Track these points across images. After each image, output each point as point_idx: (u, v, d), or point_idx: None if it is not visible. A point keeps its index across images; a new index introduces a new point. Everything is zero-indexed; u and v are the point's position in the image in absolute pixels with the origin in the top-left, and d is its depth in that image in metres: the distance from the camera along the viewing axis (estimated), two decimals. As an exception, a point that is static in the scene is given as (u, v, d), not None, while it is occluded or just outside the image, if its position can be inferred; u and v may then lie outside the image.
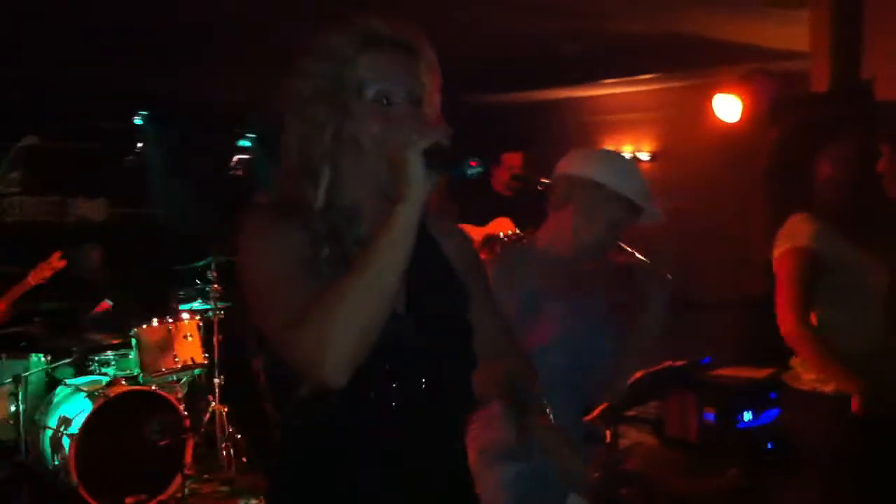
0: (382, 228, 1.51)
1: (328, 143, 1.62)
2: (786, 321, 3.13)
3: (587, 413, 2.82)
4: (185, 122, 7.73)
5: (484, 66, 7.09)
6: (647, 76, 8.43)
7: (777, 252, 3.24)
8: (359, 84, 1.62)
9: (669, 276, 2.69)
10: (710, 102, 5.76)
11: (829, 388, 3.13)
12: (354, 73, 1.63)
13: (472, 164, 1.51)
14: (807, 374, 3.22)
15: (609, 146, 8.98)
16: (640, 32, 7.12)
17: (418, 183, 1.51)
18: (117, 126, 7.64)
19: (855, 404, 3.02)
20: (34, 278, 5.40)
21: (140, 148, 7.64)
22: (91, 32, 6.60)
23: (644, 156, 8.62)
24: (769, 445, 4.40)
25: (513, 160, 5.46)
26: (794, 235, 3.22)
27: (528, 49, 7.24)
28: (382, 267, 1.50)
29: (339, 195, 1.65)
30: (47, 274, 5.45)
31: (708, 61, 7.61)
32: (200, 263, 6.00)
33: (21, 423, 5.39)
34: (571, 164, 2.61)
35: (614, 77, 8.47)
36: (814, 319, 3.17)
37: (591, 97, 8.97)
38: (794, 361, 3.29)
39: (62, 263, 5.51)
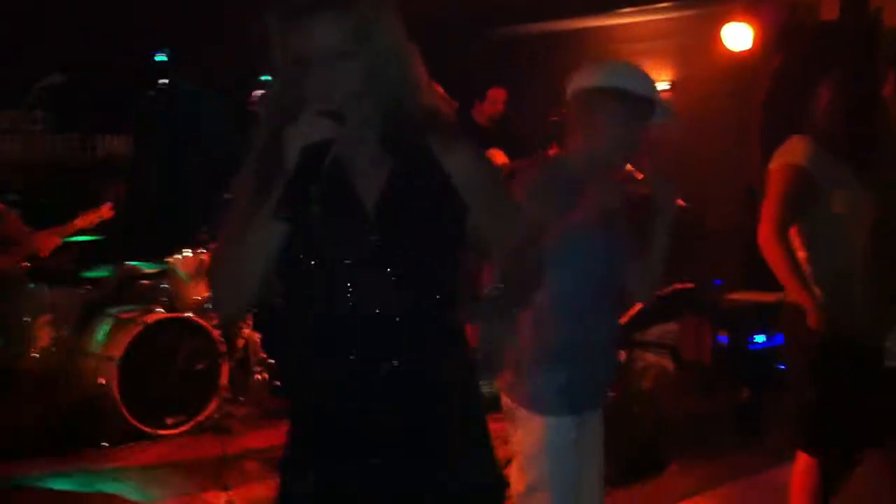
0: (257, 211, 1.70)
1: (274, 102, 1.79)
2: (763, 230, 3.23)
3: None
4: (205, 56, 7.83)
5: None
6: (662, 4, 8.42)
7: (771, 166, 3.32)
8: (291, 46, 1.72)
9: (678, 200, 2.85)
10: (716, 29, 5.85)
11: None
12: (288, 36, 1.72)
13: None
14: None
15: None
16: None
17: (286, 171, 1.65)
18: (140, 62, 7.74)
19: (810, 319, 3.16)
20: (82, 221, 5.59)
21: (163, 83, 7.75)
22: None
23: (663, 85, 8.63)
24: (781, 366, 4.60)
25: (497, 95, 5.60)
26: (789, 153, 3.28)
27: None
28: (246, 242, 1.73)
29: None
30: (94, 221, 5.64)
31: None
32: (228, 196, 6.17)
33: (63, 350, 5.64)
34: (581, 79, 2.75)
35: (628, 6, 8.48)
36: (796, 235, 3.27)
37: (607, 26, 8.97)
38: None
39: (111, 214, 5.70)
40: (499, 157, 5.45)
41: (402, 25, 1.79)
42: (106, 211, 5.66)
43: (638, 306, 4.39)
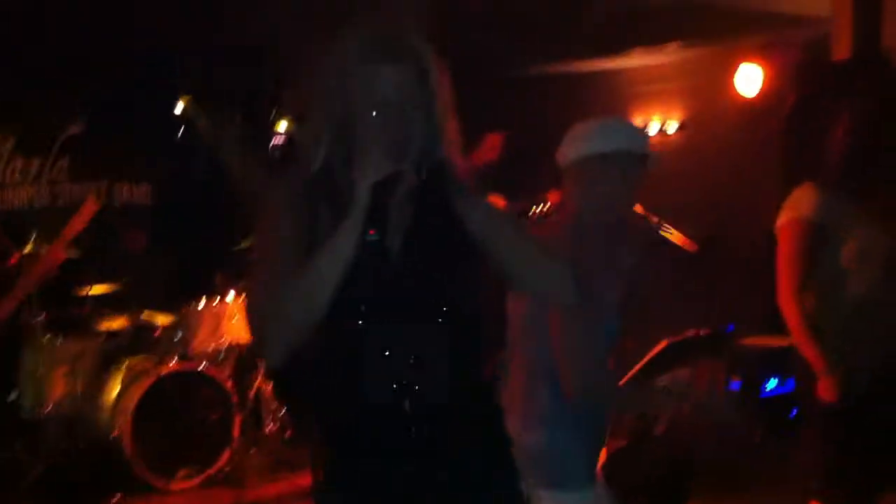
0: (327, 242, 1.74)
1: (327, 141, 1.83)
2: (780, 290, 3.24)
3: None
4: (225, 106, 7.93)
5: (507, 41, 7.20)
6: (669, 46, 8.44)
7: (780, 221, 3.31)
8: (354, 99, 1.80)
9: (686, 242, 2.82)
10: (734, 70, 5.83)
11: None
12: (354, 81, 1.79)
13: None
14: None
15: (637, 118, 9.04)
16: (660, 2, 7.17)
17: (358, 211, 1.73)
18: (161, 111, 7.84)
19: (822, 386, 3.15)
20: (79, 223, 5.40)
21: (182, 133, 7.84)
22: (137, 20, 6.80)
23: (673, 126, 8.66)
24: (793, 412, 4.53)
25: (493, 141, 5.61)
26: (797, 205, 3.27)
27: (552, 20, 7.32)
28: (320, 278, 1.74)
29: (333, 176, 1.84)
30: (87, 218, 5.38)
31: (730, 29, 7.64)
32: (243, 245, 6.18)
33: (78, 402, 5.64)
34: (566, 149, 2.74)
35: (636, 46, 8.50)
36: (811, 289, 3.25)
37: (615, 70, 9.00)
38: None
39: (98, 206, 5.54)
40: (499, 203, 5.44)
41: (449, 79, 1.88)
42: (92, 204, 5.46)
43: (654, 351, 4.34)
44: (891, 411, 3.22)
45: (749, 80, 5.52)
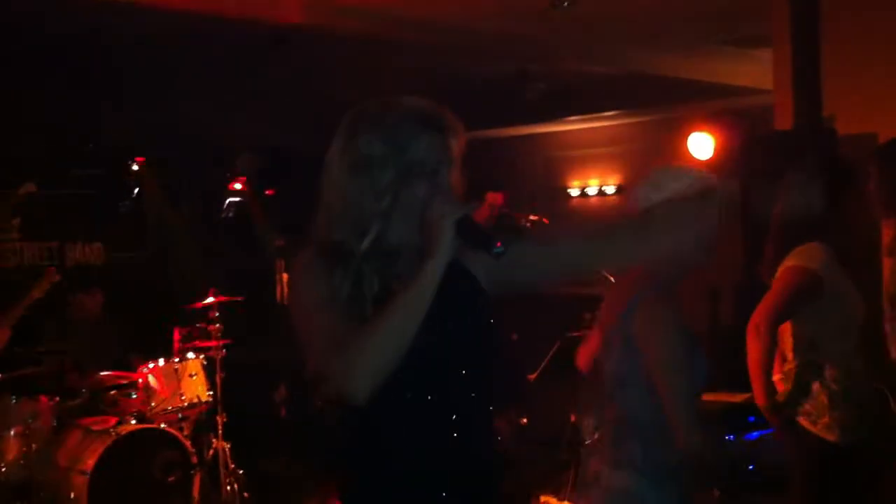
0: (412, 280, 1.87)
1: (387, 203, 1.97)
2: (757, 317, 3.35)
3: None
4: (178, 166, 7.99)
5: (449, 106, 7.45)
6: (611, 113, 8.76)
7: (785, 264, 3.41)
8: (421, 160, 1.98)
9: None
10: (675, 136, 6.07)
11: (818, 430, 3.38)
12: (418, 149, 1.97)
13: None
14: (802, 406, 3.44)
15: (575, 181, 9.32)
16: (601, 74, 7.48)
17: (446, 246, 1.87)
18: (113, 172, 7.88)
19: (766, 415, 3.35)
20: (37, 291, 5.51)
21: (136, 193, 7.88)
22: (90, 82, 6.87)
23: (610, 189, 8.95)
24: (750, 467, 4.64)
25: (495, 199, 5.81)
26: (805, 256, 3.38)
27: (491, 91, 7.59)
28: (407, 313, 1.86)
29: (382, 242, 1.98)
30: (45, 287, 5.57)
31: (672, 98, 7.95)
32: (203, 302, 6.19)
33: (32, 462, 5.56)
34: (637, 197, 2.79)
35: (577, 115, 8.81)
36: (789, 332, 3.41)
37: (556, 133, 9.28)
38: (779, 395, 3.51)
39: (57, 278, 5.66)
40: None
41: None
42: (51, 275, 5.59)
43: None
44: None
45: (700, 146, 5.74)
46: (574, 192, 9.35)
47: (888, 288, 3.66)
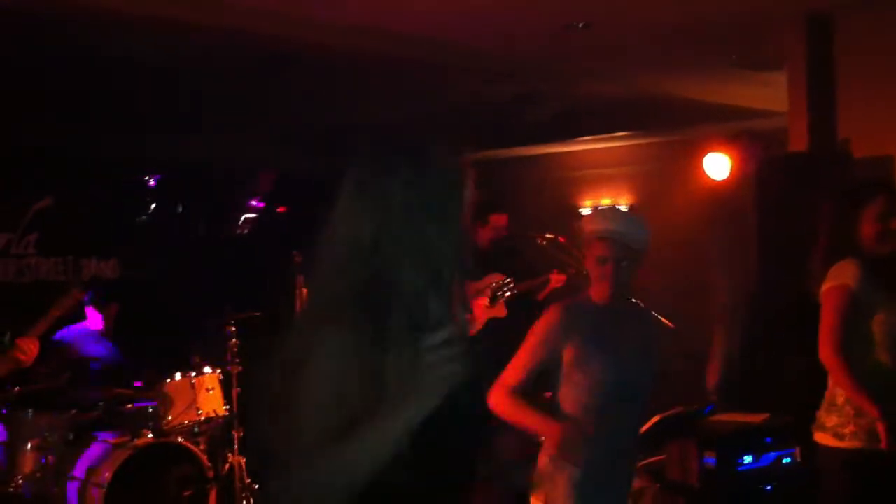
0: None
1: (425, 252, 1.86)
2: (823, 347, 3.46)
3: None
4: (195, 183, 8.05)
5: (457, 127, 7.51)
6: (623, 133, 8.84)
7: (824, 287, 3.54)
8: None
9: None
10: (689, 157, 6.12)
11: (845, 443, 3.46)
12: (462, 195, 1.95)
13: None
14: (829, 421, 3.52)
15: (587, 200, 9.40)
16: (614, 95, 7.53)
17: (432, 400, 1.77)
18: (130, 188, 7.94)
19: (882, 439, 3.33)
20: (58, 309, 5.49)
21: (153, 209, 7.93)
22: (111, 100, 6.94)
23: (622, 208, 9.01)
24: (768, 488, 4.67)
25: (498, 220, 5.84)
26: (840, 275, 3.51)
27: (500, 112, 7.66)
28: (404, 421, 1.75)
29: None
30: (69, 305, 5.52)
31: (685, 120, 8.01)
32: (223, 319, 6.20)
33: (49, 476, 5.58)
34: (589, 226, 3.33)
35: (589, 135, 8.88)
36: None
37: (568, 153, 9.35)
38: (819, 413, 3.60)
39: (82, 294, 5.65)
40: (497, 279, 5.71)
41: None
42: (77, 293, 5.55)
43: (648, 424, 4.54)
44: None
45: (716, 167, 5.79)
46: (586, 210, 9.44)
47: None
